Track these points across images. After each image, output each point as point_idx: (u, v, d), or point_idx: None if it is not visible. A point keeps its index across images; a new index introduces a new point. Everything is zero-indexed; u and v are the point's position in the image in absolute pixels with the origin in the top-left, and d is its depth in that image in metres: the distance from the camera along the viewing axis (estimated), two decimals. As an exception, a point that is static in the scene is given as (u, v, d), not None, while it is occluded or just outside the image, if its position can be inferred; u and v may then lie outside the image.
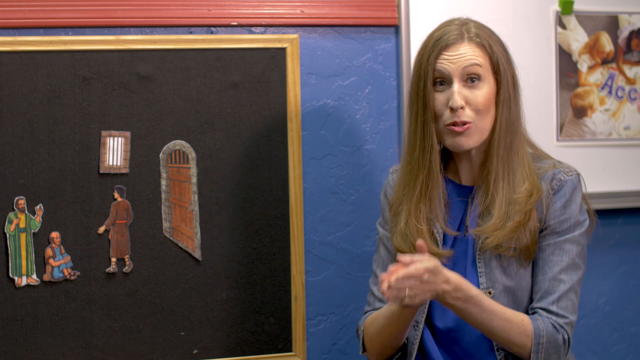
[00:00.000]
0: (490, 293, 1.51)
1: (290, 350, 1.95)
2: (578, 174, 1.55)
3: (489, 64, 1.51)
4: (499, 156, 1.52)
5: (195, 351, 1.90)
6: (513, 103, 1.53)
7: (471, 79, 1.50)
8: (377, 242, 1.70)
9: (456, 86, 1.50)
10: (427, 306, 1.56)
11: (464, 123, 1.50)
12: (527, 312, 1.53)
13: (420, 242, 1.40)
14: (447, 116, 1.51)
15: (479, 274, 1.52)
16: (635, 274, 2.25)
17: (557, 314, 1.49)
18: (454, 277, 1.42)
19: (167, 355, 1.89)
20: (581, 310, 2.19)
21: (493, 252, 1.51)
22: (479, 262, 1.52)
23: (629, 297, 2.25)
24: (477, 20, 1.58)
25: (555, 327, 1.48)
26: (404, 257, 1.38)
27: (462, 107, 1.50)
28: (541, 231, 1.52)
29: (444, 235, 1.56)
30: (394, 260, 1.61)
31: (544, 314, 1.50)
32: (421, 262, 1.38)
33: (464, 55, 1.50)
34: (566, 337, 1.49)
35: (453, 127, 1.51)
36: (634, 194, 2.19)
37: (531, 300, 1.54)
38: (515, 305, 1.52)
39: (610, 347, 2.24)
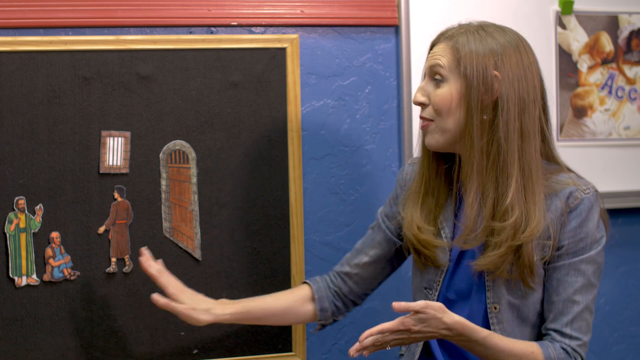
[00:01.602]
0: (495, 308, 1.50)
1: (290, 350, 1.95)
2: (595, 191, 1.52)
3: (456, 66, 1.48)
4: (472, 165, 1.47)
5: (195, 351, 1.90)
6: (506, 114, 1.46)
7: (435, 77, 1.50)
8: (374, 223, 1.72)
9: (422, 83, 1.53)
10: None
11: (424, 119, 1.52)
12: (534, 327, 1.52)
13: (395, 304, 1.37)
14: None
15: (487, 288, 1.51)
16: (635, 274, 2.25)
17: (570, 337, 1.47)
18: (456, 324, 1.39)
19: (167, 355, 1.89)
20: (581, 310, 2.19)
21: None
22: (487, 277, 1.50)
23: (629, 297, 2.25)
24: (488, 23, 1.54)
25: (567, 351, 1.47)
26: (397, 304, 1.37)
27: (422, 103, 1.52)
28: (556, 249, 1.49)
29: (453, 238, 1.55)
30: (373, 246, 1.67)
31: (557, 337, 1.48)
32: (407, 316, 1.38)
33: (435, 54, 1.51)
34: (579, 359, 1.48)
35: (422, 124, 1.54)
36: (634, 194, 2.19)
37: (539, 315, 1.52)
38: (520, 321, 1.51)
39: (610, 347, 2.24)
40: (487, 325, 1.50)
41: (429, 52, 1.55)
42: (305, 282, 1.74)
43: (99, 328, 1.84)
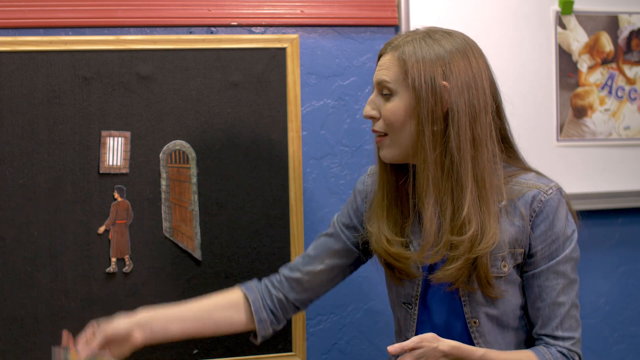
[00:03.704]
0: (475, 322, 1.48)
1: (290, 350, 1.95)
2: (558, 189, 1.48)
3: (403, 78, 1.43)
4: (427, 178, 1.44)
5: (195, 351, 1.90)
6: (457, 124, 1.42)
7: (383, 92, 1.47)
8: (329, 226, 1.67)
9: (372, 96, 1.49)
10: (414, 325, 1.54)
11: (379, 134, 1.48)
12: (516, 331, 1.51)
13: (389, 348, 1.34)
14: None
15: (463, 303, 1.49)
16: (635, 274, 2.25)
17: (562, 338, 1.46)
18: (453, 349, 1.37)
19: (167, 355, 1.89)
20: (581, 310, 2.18)
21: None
22: (461, 291, 1.48)
23: (629, 297, 2.25)
24: (436, 29, 1.49)
25: (564, 354, 1.46)
26: (392, 347, 1.34)
27: (372, 117, 1.48)
28: (530, 256, 1.47)
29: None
30: (326, 253, 1.62)
31: (551, 341, 1.47)
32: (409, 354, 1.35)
33: (381, 67, 1.47)
34: (577, 358, 1.47)
35: (376, 139, 1.50)
36: (634, 194, 2.19)
37: (520, 319, 1.51)
38: (500, 329, 1.49)
39: (610, 347, 2.24)
40: (469, 339, 1.49)
41: (377, 63, 1.51)
42: (238, 288, 1.65)
43: (99, 328, 1.84)
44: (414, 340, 1.34)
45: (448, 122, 1.42)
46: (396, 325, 1.61)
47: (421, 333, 1.52)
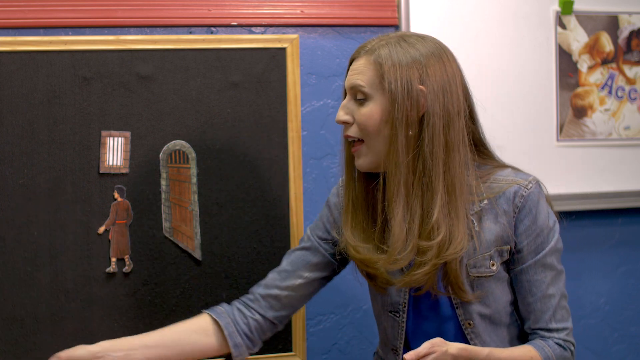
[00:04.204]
0: (469, 324, 1.49)
1: (290, 350, 1.95)
2: (537, 182, 1.49)
3: (379, 82, 1.41)
4: (398, 182, 1.41)
5: None
6: (431, 129, 1.41)
7: (357, 97, 1.45)
8: (302, 238, 1.65)
9: (345, 101, 1.47)
10: (403, 333, 1.54)
11: (353, 140, 1.46)
12: (508, 327, 1.51)
13: (406, 356, 1.33)
14: None
15: (455, 306, 1.49)
16: (635, 274, 2.25)
17: (557, 330, 1.48)
18: (461, 351, 1.37)
19: (167, 355, 1.89)
20: (581, 310, 2.20)
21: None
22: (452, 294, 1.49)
23: (629, 297, 2.25)
24: (409, 33, 1.47)
25: (561, 345, 1.47)
26: (408, 355, 1.33)
27: (346, 122, 1.46)
28: (516, 252, 1.48)
29: None
30: (301, 267, 1.60)
31: (545, 333, 1.48)
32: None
33: (355, 71, 1.45)
34: (572, 348, 1.49)
35: (352, 148, 1.48)
36: (634, 194, 2.19)
37: (511, 314, 1.51)
38: (493, 327, 1.50)
39: (610, 347, 2.24)
40: (464, 340, 1.49)
41: (348, 68, 1.49)
42: (205, 313, 1.60)
43: (99, 328, 1.84)
44: (425, 346, 1.34)
45: (423, 127, 1.41)
46: (382, 334, 1.61)
47: (413, 340, 1.53)
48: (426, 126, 1.41)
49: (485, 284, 1.47)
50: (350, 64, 1.48)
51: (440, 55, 1.44)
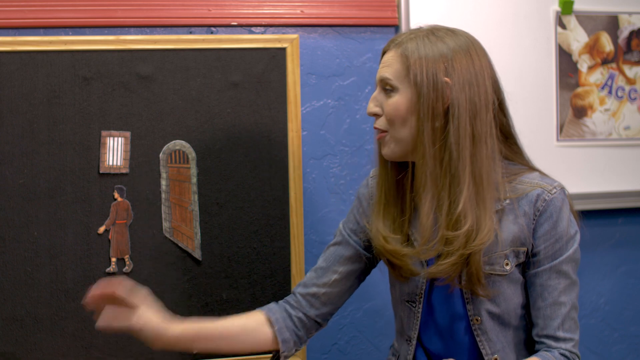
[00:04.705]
0: (477, 320, 1.49)
1: (290, 350, 1.95)
2: (562, 188, 1.49)
3: (405, 74, 1.44)
4: (425, 173, 1.44)
5: (195, 351, 1.90)
6: (457, 120, 1.43)
7: (385, 88, 1.47)
8: (335, 234, 1.66)
9: (374, 93, 1.50)
10: (418, 324, 1.55)
11: (379, 131, 1.49)
12: (517, 330, 1.52)
13: None
14: None
15: (466, 301, 1.50)
16: (635, 274, 2.25)
17: (564, 339, 1.47)
18: None
19: (167, 355, 1.89)
20: (581, 310, 2.19)
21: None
22: (465, 289, 1.49)
23: (629, 297, 2.25)
24: (439, 27, 1.50)
25: (566, 356, 1.47)
26: None
27: (375, 114, 1.49)
28: (533, 255, 1.48)
29: None
30: (338, 263, 1.61)
31: (552, 343, 1.47)
32: None
33: (384, 63, 1.48)
34: (577, 359, 1.49)
35: (377, 136, 1.51)
36: (634, 194, 2.19)
37: (521, 317, 1.51)
38: (502, 327, 1.50)
39: (610, 347, 2.24)
40: (471, 338, 1.50)
41: (380, 60, 1.52)
42: (259, 310, 1.63)
43: (99, 328, 1.85)
44: None
45: (448, 118, 1.43)
46: (398, 324, 1.61)
47: (424, 332, 1.53)
48: (452, 117, 1.43)
49: (497, 282, 1.48)
50: (382, 56, 1.51)
51: (468, 48, 1.46)
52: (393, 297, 1.62)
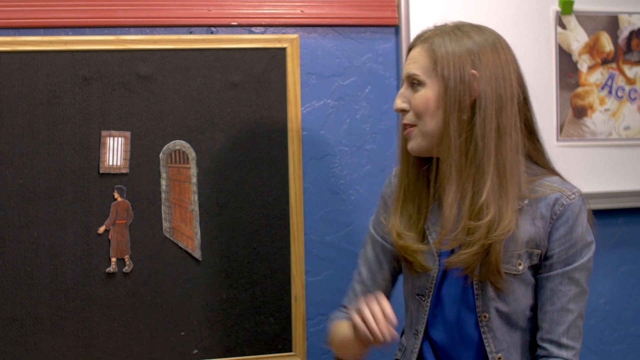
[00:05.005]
0: (485, 317, 1.49)
1: (290, 350, 1.95)
2: (581, 195, 1.51)
3: (433, 68, 1.46)
4: (450, 164, 1.46)
5: (195, 351, 1.90)
6: (483, 112, 1.45)
7: (413, 82, 1.49)
8: (365, 239, 1.68)
9: (401, 89, 1.52)
10: (426, 317, 1.55)
11: (408, 126, 1.51)
12: (524, 332, 1.52)
13: None
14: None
15: (476, 296, 1.50)
16: (635, 274, 2.25)
17: (566, 347, 1.47)
18: None
19: (167, 355, 1.89)
20: (581, 310, 2.19)
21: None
22: (475, 285, 1.50)
23: (629, 297, 2.25)
24: (465, 23, 1.52)
25: None
26: None
27: (403, 110, 1.51)
28: (546, 258, 1.49)
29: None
30: (380, 265, 1.63)
31: (554, 349, 1.48)
32: None
33: (411, 59, 1.51)
34: None
35: (405, 131, 1.53)
36: (634, 194, 2.19)
37: (529, 320, 1.52)
38: (509, 327, 1.50)
39: (610, 347, 2.24)
40: (478, 333, 1.50)
41: (407, 56, 1.54)
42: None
43: (99, 328, 1.85)
44: None
45: (475, 111, 1.45)
46: (407, 318, 1.62)
47: (432, 325, 1.55)
48: (478, 110, 1.45)
49: (509, 281, 1.48)
50: (408, 52, 1.53)
51: (494, 43, 1.48)
52: (405, 290, 1.63)
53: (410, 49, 1.53)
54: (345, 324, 1.56)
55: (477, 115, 1.45)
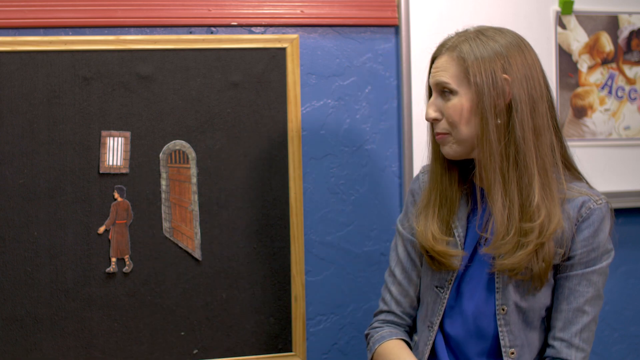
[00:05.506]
0: (503, 310, 1.51)
1: (290, 350, 1.95)
2: (607, 202, 1.53)
3: (464, 76, 1.47)
4: (494, 170, 1.47)
5: (195, 351, 1.90)
6: (520, 115, 1.47)
7: (443, 91, 1.50)
8: (395, 238, 1.69)
9: (432, 99, 1.53)
10: (442, 310, 1.56)
11: (442, 134, 1.52)
12: (539, 332, 1.53)
13: None
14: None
15: (496, 290, 1.52)
16: (635, 274, 2.25)
17: (577, 348, 1.49)
18: None
19: (167, 355, 1.89)
20: (581, 310, 2.19)
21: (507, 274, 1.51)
22: (497, 279, 1.52)
23: (629, 297, 2.25)
24: (486, 27, 1.53)
25: None
26: None
27: (435, 119, 1.52)
28: (568, 259, 1.50)
29: (466, 240, 1.56)
30: (414, 263, 1.64)
31: (564, 349, 1.49)
32: None
33: (439, 68, 1.51)
34: None
35: (437, 137, 1.54)
36: (634, 194, 2.19)
37: (542, 321, 1.53)
38: (525, 324, 1.52)
39: (610, 347, 2.24)
40: (494, 326, 1.52)
41: (430, 66, 1.54)
42: (399, 339, 1.65)
43: (99, 328, 1.85)
44: None
45: (511, 114, 1.47)
46: (422, 311, 1.63)
47: (448, 318, 1.57)
48: (515, 112, 1.47)
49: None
50: (433, 61, 1.53)
51: (519, 44, 1.50)
52: (424, 283, 1.64)
53: (434, 57, 1.53)
54: (398, 350, 1.58)
55: (513, 118, 1.47)
